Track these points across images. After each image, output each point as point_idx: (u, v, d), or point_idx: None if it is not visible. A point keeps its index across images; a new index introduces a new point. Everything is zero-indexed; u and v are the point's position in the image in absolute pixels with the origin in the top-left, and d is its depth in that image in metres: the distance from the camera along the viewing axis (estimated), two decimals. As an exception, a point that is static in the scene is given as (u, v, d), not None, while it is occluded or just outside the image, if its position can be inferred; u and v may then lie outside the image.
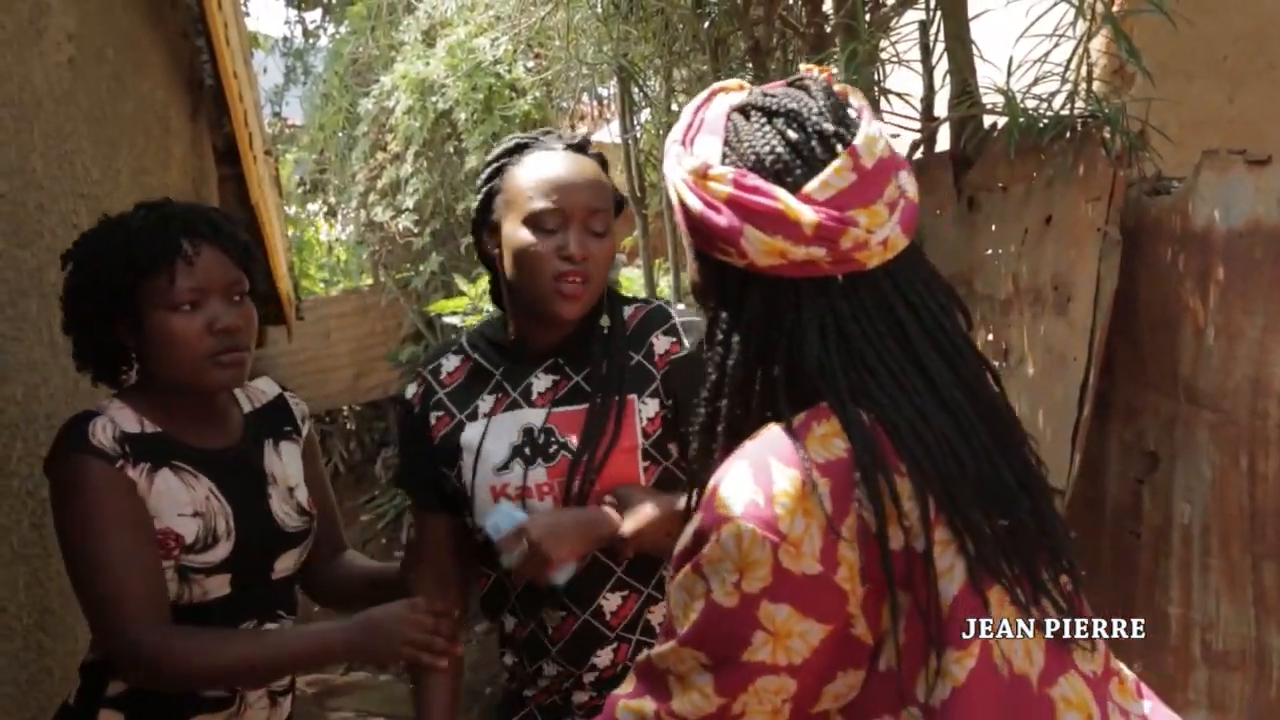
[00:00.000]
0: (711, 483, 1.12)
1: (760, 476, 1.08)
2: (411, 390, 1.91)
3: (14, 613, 1.93)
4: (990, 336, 2.89)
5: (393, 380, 7.63)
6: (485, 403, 1.84)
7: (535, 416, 1.81)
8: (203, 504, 1.74)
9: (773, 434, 1.11)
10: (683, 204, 1.18)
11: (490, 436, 1.81)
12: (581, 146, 1.86)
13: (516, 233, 1.78)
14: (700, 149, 1.18)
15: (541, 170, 1.79)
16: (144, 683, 1.70)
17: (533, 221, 1.77)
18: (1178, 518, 2.65)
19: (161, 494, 1.72)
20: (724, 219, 1.13)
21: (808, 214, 1.11)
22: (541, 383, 1.83)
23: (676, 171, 1.19)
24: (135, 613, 1.65)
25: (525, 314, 1.83)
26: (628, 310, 1.89)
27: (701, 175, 1.16)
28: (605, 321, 1.84)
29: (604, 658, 1.83)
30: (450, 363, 1.90)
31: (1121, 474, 2.78)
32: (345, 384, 7.95)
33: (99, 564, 1.66)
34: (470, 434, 1.83)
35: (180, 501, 1.73)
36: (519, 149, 1.85)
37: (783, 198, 1.11)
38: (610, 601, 1.81)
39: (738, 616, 1.06)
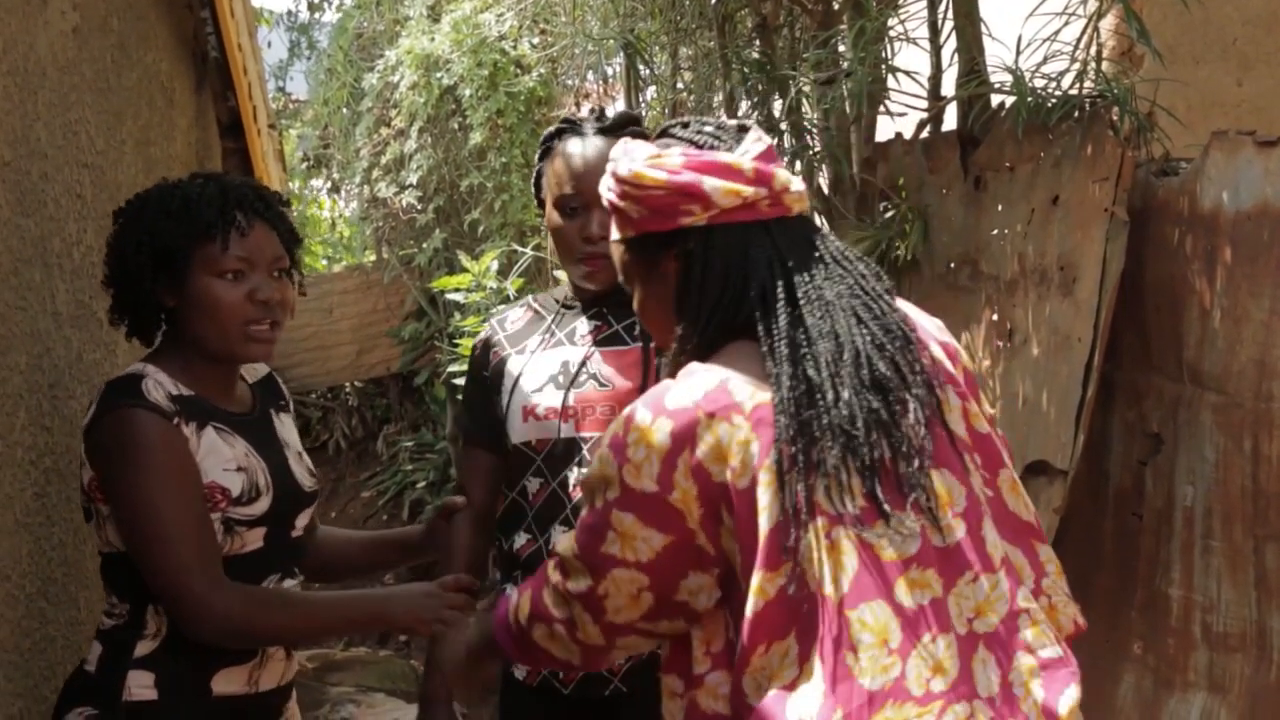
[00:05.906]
0: None
1: (634, 412, 1.38)
2: (481, 335, 2.21)
3: (17, 581, 1.93)
4: (995, 316, 2.88)
5: (395, 357, 7.59)
6: (534, 340, 2.14)
7: (575, 354, 2.11)
8: (244, 459, 1.82)
9: (666, 383, 1.41)
10: (639, 187, 1.44)
11: (531, 366, 2.11)
12: (609, 129, 2.06)
13: (551, 213, 2.09)
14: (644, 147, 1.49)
15: (568, 157, 2.05)
16: (209, 639, 1.75)
17: (560, 205, 2.06)
18: (1180, 500, 2.65)
19: (208, 450, 1.78)
20: (687, 177, 1.42)
21: (746, 160, 1.44)
22: (584, 326, 2.12)
23: (631, 164, 1.46)
24: (201, 570, 1.71)
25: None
26: None
27: (656, 155, 1.46)
28: None
29: None
30: (516, 313, 2.22)
31: (1124, 455, 2.78)
32: (347, 360, 7.92)
33: (165, 520, 1.71)
34: (515, 364, 2.13)
35: (224, 457, 1.79)
36: (560, 133, 2.09)
37: (723, 154, 1.45)
38: None
39: (600, 517, 1.38)
